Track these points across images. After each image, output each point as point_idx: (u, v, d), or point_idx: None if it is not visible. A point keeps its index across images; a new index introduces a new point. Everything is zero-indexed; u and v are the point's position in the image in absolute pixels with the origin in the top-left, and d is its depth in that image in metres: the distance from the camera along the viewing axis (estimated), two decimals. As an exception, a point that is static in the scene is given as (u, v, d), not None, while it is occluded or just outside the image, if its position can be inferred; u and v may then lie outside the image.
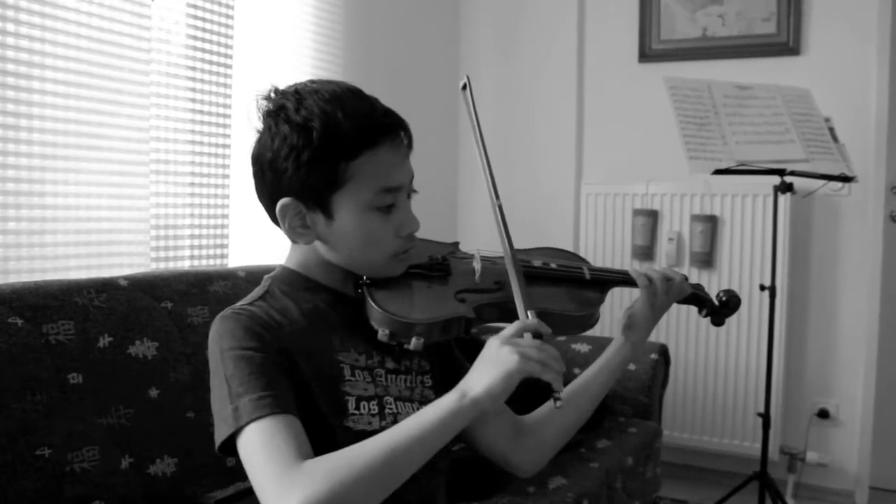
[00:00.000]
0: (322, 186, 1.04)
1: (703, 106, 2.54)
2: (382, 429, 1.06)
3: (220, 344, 1.01)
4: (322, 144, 1.02)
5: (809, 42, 3.00)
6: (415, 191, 1.13)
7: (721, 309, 1.33)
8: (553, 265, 1.24)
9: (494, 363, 0.95)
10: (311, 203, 1.06)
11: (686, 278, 1.30)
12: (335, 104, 1.04)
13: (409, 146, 1.10)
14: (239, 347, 0.99)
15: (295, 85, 1.09)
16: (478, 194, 3.55)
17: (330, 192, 1.05)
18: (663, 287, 1.25)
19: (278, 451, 0.91)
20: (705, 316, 1.34)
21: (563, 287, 1.23)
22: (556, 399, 0.96)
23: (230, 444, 0.97)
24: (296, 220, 1.07)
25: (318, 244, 1.10)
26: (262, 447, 0.92)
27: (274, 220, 1.10)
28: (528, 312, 1.02)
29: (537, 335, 0.98)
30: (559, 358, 0.96)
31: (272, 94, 1.09)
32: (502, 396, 0.95)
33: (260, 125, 1.09)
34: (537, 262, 1.23)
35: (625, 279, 1.27)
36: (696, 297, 1.32)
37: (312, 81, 1.10)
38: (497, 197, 1.12)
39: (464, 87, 1.16)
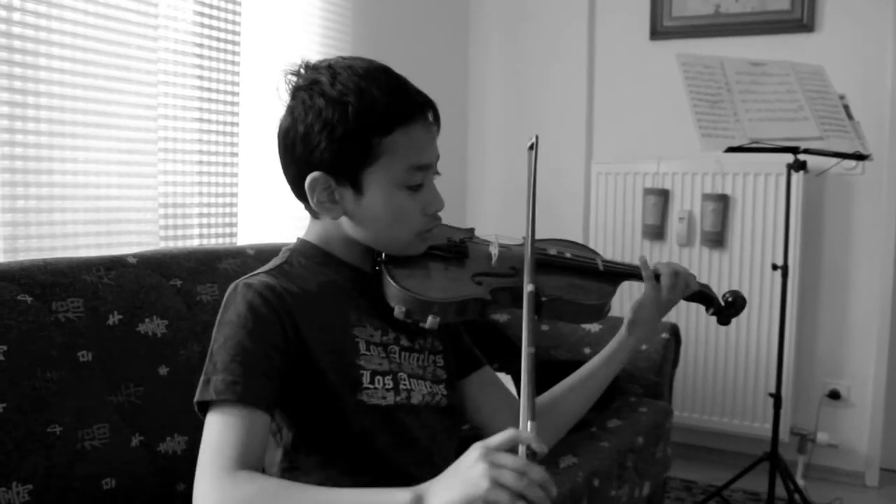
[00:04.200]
0: (354, 161, 1.04)
1: (715, 83, 2.51)
2: (397, 404, 1.07)
3: (226, 314, 1.02)
4: (357, 119, 1.02)
5: (824, 19, 2.96)
6: (438, 172, 1.13)
7: (727, 309, 1.36)
8: (568, 255, 1.26)
9: (462, 479, 0.80)
10: (342, 178, 1.06)
11: (694, 277, 1.30)
12: (369, 80, 1.04)
13: (438, 127, 1.11)
14: (237, 325, 1.00)
15: (327, 60, 1.09)
16: (487, 177, 3.53)
17: (362, 167, 1.05)
18: (669, 283, 1.26)
19: (223, 449, 0.92)
20: (712, 314, 1.36)
21: (577, 277, 1.24)
22: None
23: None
24: (324, 195, 1.07)
25: (343, 219, 1.10)
26: (214, 436, 0.93)
27: (298, 193, 1.09)
28: (530, 423, 0.84)
29: (530, 453, 0.81)
30: (548, 482, 0.78)
31: (303, 70, 1.09)
32: None
33: (288, 99, 1.09)
34: (552, 251, 1.25)
35: (635, 273, 1.28)
36: (703, 295, 1.33)
37: (343, 58, 1.10)
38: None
39: (531, 147, 1.17)
